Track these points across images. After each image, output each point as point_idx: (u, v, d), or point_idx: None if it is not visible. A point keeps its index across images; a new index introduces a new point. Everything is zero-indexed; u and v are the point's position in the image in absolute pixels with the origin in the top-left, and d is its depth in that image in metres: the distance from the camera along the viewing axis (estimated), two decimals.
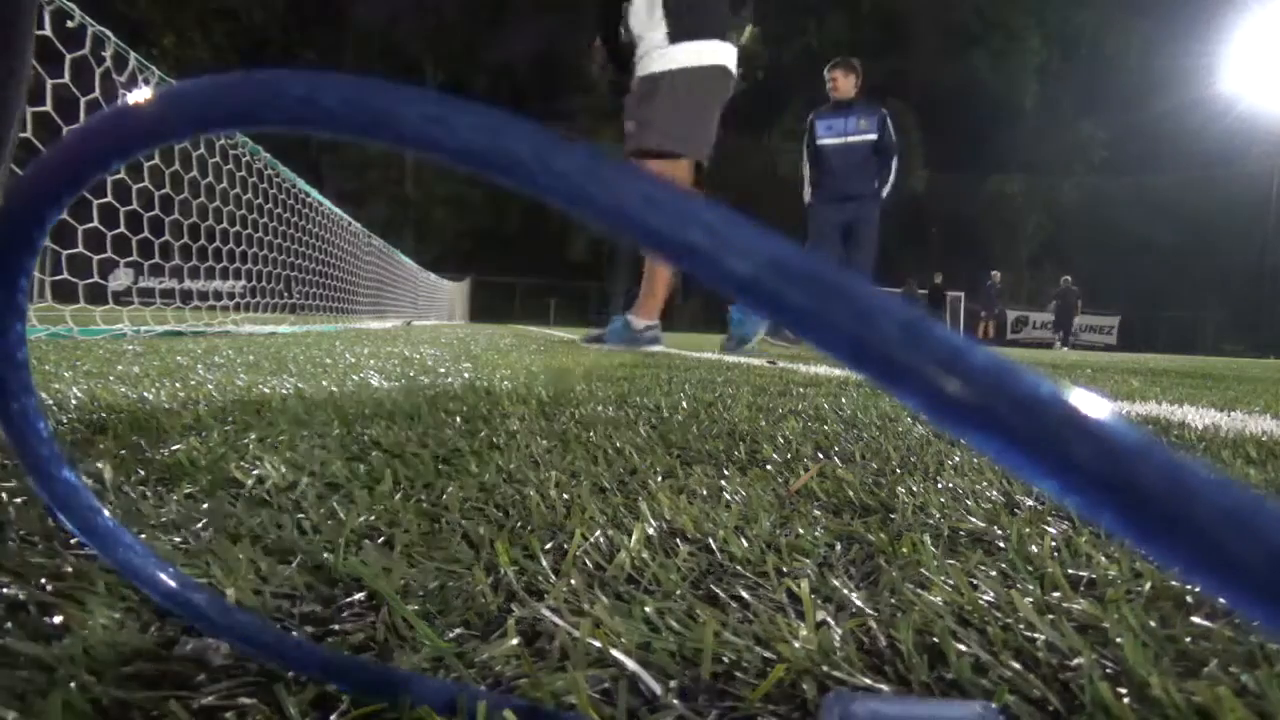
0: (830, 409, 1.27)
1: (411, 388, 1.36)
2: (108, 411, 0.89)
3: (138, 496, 0.55)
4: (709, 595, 0.42)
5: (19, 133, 0.58)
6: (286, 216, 4.59)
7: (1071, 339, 15.47)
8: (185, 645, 0.32)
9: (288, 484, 0.60)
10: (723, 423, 1.05)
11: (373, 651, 0.34)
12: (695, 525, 0.53)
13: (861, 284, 0.12)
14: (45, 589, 0.37)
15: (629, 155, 3.41)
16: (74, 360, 1.61)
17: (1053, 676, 0.33)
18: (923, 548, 0.49)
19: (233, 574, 0.40)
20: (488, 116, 0.14)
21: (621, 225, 0.13)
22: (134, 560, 0.26)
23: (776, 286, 0.12)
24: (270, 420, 0.90)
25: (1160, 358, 8.95)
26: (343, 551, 0.43)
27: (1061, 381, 0.11)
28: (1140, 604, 0.40)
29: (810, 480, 0.68)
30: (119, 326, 2.69)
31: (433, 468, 0.69)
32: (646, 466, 0.73)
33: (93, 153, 0.17)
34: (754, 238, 0.12)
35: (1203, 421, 1.36)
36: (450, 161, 0.14)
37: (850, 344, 0.12)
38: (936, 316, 0.12)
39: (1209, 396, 2.04)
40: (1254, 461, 0.92)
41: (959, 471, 0.77)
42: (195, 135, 0.16)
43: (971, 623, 0.38)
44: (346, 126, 0.14)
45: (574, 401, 1.24)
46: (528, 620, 0.37)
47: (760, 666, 0.33)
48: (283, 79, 0.15)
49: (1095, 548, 0.50)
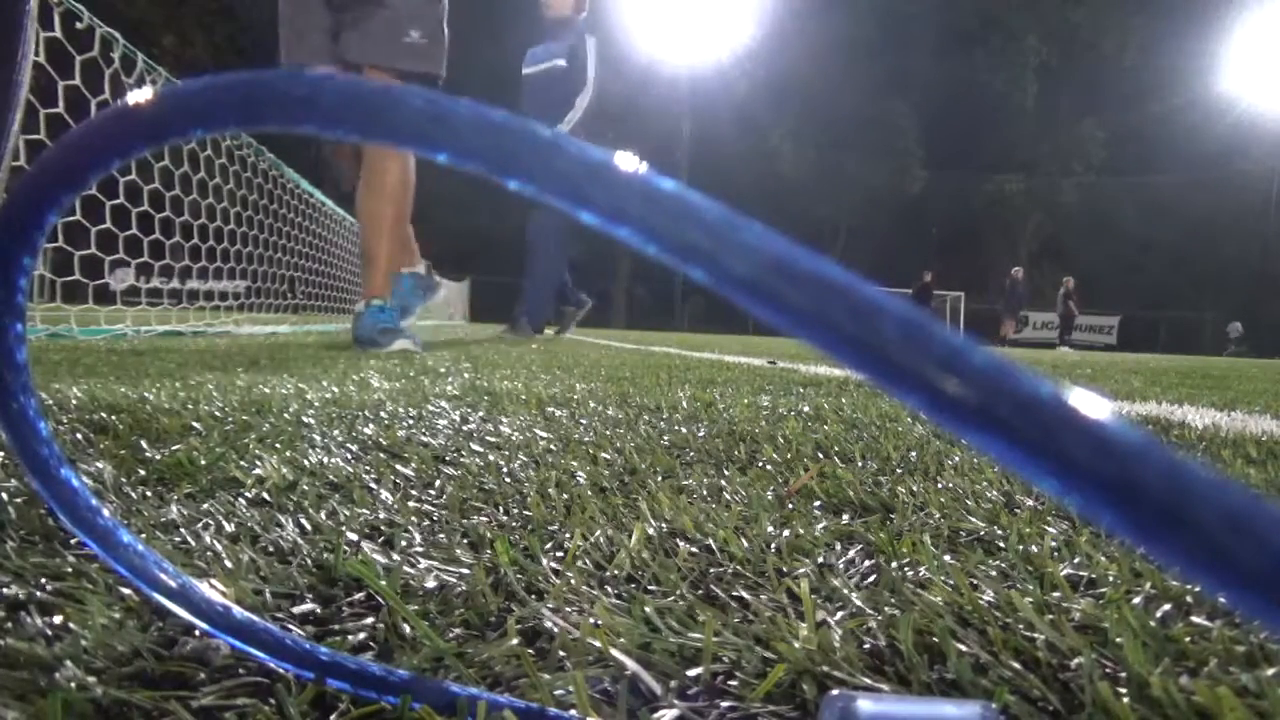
0: (830, 409, 1.27)
1: (412, 388, 1.36)
2: (108, 411, 0.88)
3: (138, 496, 0.55)
4: (709, 595, 0.42)
5: (32, 134, 0.58)
6: (289, 216, 4.59)
7: (1071, 339, 15.46)
8: (185, 645, 0.32)
9: (288, 484, 0.60)
10: (723, 423, 1.05)
11: (373, 651, 0.34)
12: (695, 525, 0.53)
13: (861, 284, 0.12)
14: (45, 589, 0.37)
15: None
16: (74, 360, 1.61)
17: (1053, 676, 0.33)
18: (923, 548, 0.49)
19: (233, 574, 0.40)
20: (488, 116, 0.14)
21: (621, 225, 0.13)
22: (134, 560, 0.26)
23: (777, 286, 0.12)
24: (271, 420, 0.90)
25: (1160, 358, 8.95)
26: (342, 551, 0.43)
27: (1061, 381, 0.11)
28: (1140, 604, 0.40)
29: (810, 480, 0.68)
30: (119, 326, 2.69)
31: (433, 468, 0.69)
32: (646, 466, 0.73)
33: (92, 153, 0.17)
34: (754, 238, 0.12)
35: (1203, 421, 1.36)
36: (450, 161, 0.14)
37: (850, 344, 0.12)
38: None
39: (1209, 396, 2.04)
40: (1254, 461, 0.92)
41: (959, 471, 0.77)
42: (195, 135, 0.16)
43: (971, 623, 0.38)
44: (346, 127, 0.14)
45: (574, 401, 1.24)
46: (528, 620, 0.37)
47: (760, 666, 0.33)
48: (283, 79, 0.15)
49: (1095, 548, 0.50)
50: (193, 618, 0.27)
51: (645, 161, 0.13)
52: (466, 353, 2.77)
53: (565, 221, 4.72)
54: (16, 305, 0.19)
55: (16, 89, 0.42)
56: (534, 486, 0.63)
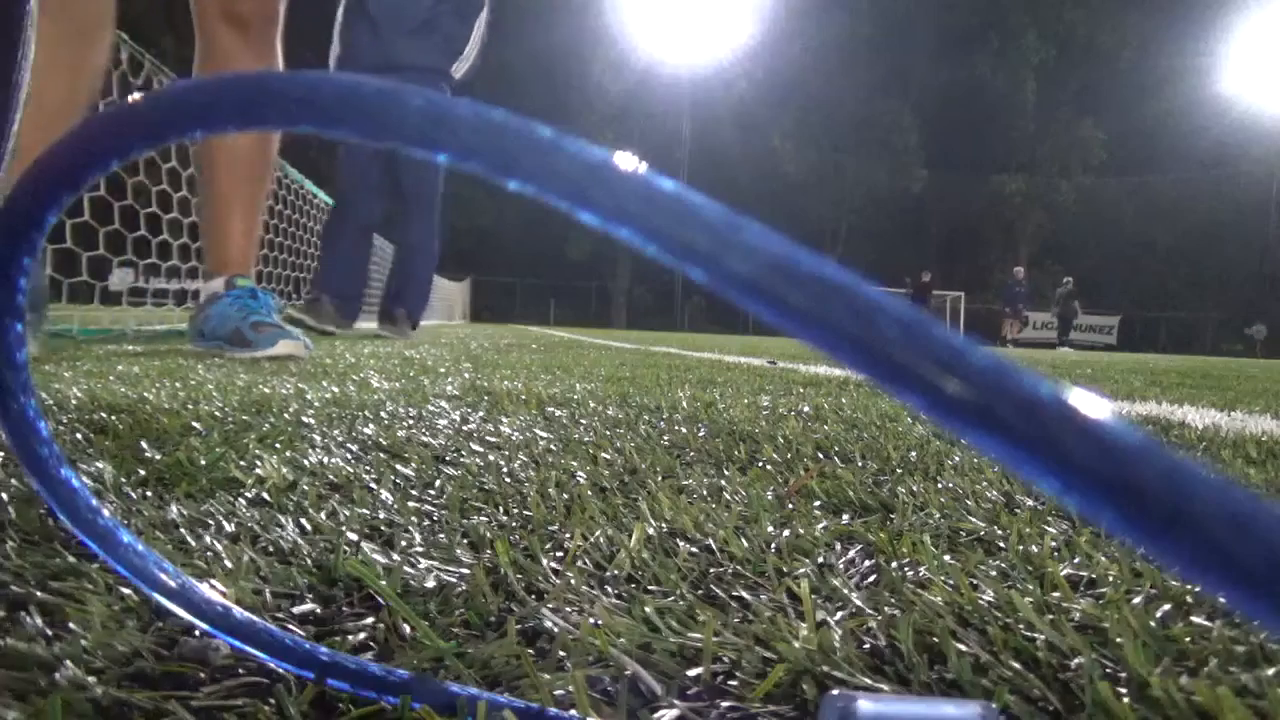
0: (830, 409, 1.27)
1: (412, 388, 1.36)
2: (108, 411, 0.88)
3: (138, 496, 0.55)
4: (709, 595, 0.42)
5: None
6: (293, 216, 4.59)
7: (1070, 339, 15.45)
8: (185, 645, 0.32)
9: (288, 484, 0.60)
10: (723, 423, 1.05)
11: (373, 651, 0.34)
12: (695, 525, 0.53)
13: (861, 284, 0.12)
14: (45, 589, 0.37)
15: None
16: (74, 360, 1.61)
17: (1053, 676, 0.33)
18: (923, 548, 0.49)
19: (233, 574, 0.40)
20: (488, 116, 0.14)
21: (621, 225, 0.13)
22: (134, 560, 0.26)
23: (777, 287, 0.12)
24: (271, 420, 0.90)
25: (1160, 358, 8.95)
26: (342, 551, 0.43)
27: (1061, 381, 0.11)
28: (1140, 604, 0.40)
29: (810, 480, 0.68)
30: (119, 326, 2.69)
31: (433, 468, 0.69)
32: (646, 466, 0.73)
33: (92, 153, 0.17)
34: (754, 237, 0.12)
35: (1203, 421, 1.36)
36: (450, 161, 0.14)
37: (850, 344, 0.12)
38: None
39: (1209, 396, 2.04)
40: (1254, 461, 0.92)
41: (959, 471, 0.77)
42: (195, 135, 0.16)
43: (971, 623, 0.38)
44: (345, 127, 0.14)
45: (574, 401, 1.24)
46: (528, 620, 0.37)
47: (760, 666, 0.33)
48: (283, 79, 0.15)
49: (1095, 548, 0.50)
50: (193, 618, 0.27)
51: (645, 161, 0.13)
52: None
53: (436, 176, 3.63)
54: (16, 305, 0.19)
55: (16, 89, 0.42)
56: (534, 486, 0.63)
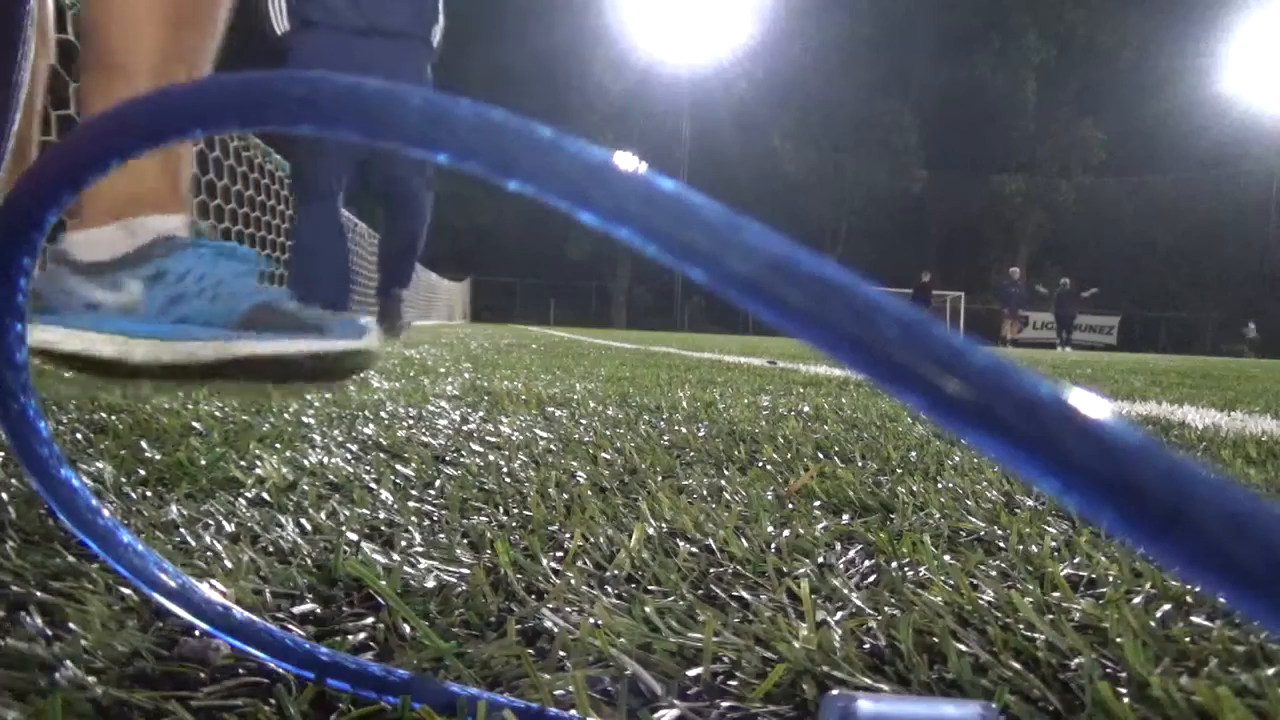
0: (830, 409, 1.27)
1: (412, 388, 1.36)
2: (108, 411, 0.88)
3: (138, 497, 0.55)
4: (709, 595, 0.42)
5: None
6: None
7: (1070, 339, 15.43)
8: (185, 645, 0.32)
9: (288, 484, 0.60)
10: (723, 423, 1.05)
11: (373, 651, 0.34)
12: (695, 525, 0.53)
13: (861, 284, 0.12)
14: (45, 589, 0.37)
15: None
16: None
17: (1053, 676, 0.33)
18: (923, 548, 0.49)
19: (233, 574, 0.40)
20: (488, 116, 0.14)
21: (621, 225, 0.13)
22: (134, 560, 0.26)
23: (777, 287, 0.12)
24: (271, 420, 0.90)
25: (1160, 358, 8.95)
26: (342, 551, 0.43)
27: (1061, 381, 0.11)
28: (1140, 604, 0.40)
29: (810, 480, 0.68)
30: None
31: (433, 468, 0.69)
32: (646, 466, 0.73)
33: (92, 153, 0.17)
34: (754, 237, 0.12)
35: (1203, 421, 1.36)
36: (450, 161, 0.14)
37: (850, 344, 0.12)
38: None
39: (1209, 396, 2.04)
40: (1254, 461, 0.92)
41: (959, 471, 0.77)
42: (196, 135, 0.16)
43: (971, 623, 0.38)
44: (345, 126, 0.14)
45: (574, 401, 1.24)
46: (528, 620, 0.37)
47: (760, 666, 0.33)
48: (283, 79, 0.15)
49: (1095, 548, 0.50)
50: (193, 618, 0.27)
51: (645, 161, 0.13)
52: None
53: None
54: (16, 305, 0.19)
55: (16, 89, 0.42)
56: (534, 486, 0.63)
